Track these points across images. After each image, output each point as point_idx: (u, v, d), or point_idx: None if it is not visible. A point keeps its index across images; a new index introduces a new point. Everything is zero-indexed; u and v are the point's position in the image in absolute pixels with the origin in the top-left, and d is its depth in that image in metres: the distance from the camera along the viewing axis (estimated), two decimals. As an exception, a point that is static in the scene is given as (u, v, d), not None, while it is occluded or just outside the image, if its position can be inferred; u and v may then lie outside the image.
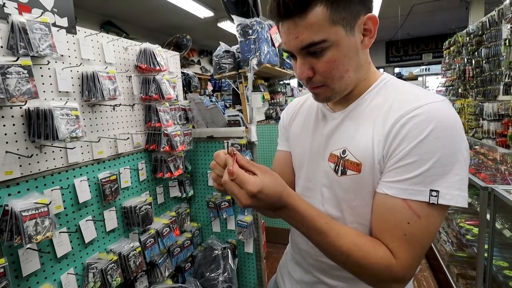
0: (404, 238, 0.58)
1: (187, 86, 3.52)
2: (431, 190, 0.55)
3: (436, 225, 0.58)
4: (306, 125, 0.81)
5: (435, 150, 0.55)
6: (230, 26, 5.71)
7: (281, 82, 3.96)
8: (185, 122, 1.69)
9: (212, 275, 1.68)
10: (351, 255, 0.59)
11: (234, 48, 2.53)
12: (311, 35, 0.58)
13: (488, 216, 1.68)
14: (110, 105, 1.25)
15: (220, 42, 2.55)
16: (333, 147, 0.70)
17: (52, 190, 1.04)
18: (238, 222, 1.76)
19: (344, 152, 0.67)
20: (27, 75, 0.84)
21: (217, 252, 1.73)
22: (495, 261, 1.83)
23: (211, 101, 1.66)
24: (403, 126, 0.58)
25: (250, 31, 2.31)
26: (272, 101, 3.74)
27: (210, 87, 6.02)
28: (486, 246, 1.71)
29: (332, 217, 0.71)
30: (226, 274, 1.67)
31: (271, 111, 3.62)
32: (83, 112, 1.15)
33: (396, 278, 0.59)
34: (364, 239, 0.61)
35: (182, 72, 3.59)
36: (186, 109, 1.70)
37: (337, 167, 0.68)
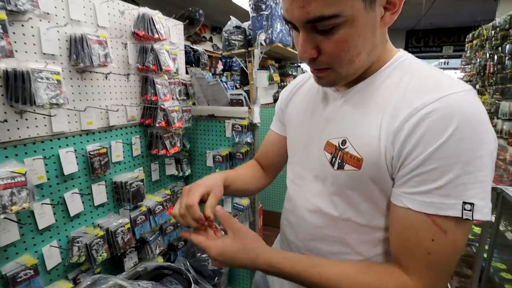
0: (427, 258, 0.49)
1: (196, 63, 3.41)
2: (464, 203, 0.46)
3: (464, 239, 0.50)
4: (305, 106, 0.72)
5: (460, 153, 0.45)
6: (244, 1, 5.48)
7: (293, 65, 3.81)
8: (185, 98, 1.60)
9: (204, 255, 1.65)
10: None
11: (245, 25, 2.40)
12: (321, 7, 0.46)
13: (493, 217, 1.59)
14: (102, 73, 1.17)
15: (231, 17, 2.41)
16: (331, 134, 0.61)
17: (33, 160, 0.98)
18: (235, 204, 1.70)
19: (343, 142, 0.58)
20: (1, 31, 0.76)
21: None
22: (493, 262, 1.76)
23: (221, 81, 1.56)
24: (418, 123, 0.48)
25: (263, 6, 2.17)
26: (282, 83, 3.61)
27: (220, 66, 5.88)
28: (486, 247, 1.62)
29: (323, 213, 0.63)
30: (218, 257, 1.63)
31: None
32: (71, 79, 1.07)
33: None
34: (368, 275, 0.54)
35: (191, 48, 3.47)
36: (186, 84, 1.61)
37: (334, 159, 0.59)
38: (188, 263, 1.49)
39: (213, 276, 1.52)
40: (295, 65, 3.78)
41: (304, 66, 4.09)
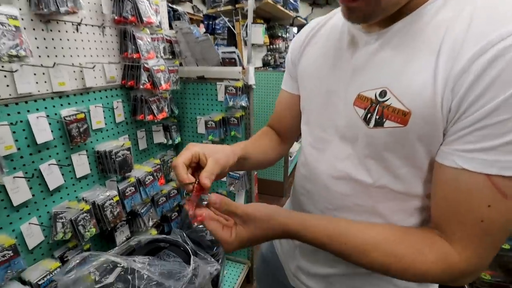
0: (478, 227, 0.41)
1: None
2: None
3: None
4: (324, 53, 0.59)
5: None
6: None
7: (283, 26, 3.59)
8: (170, 57, 1.44)
9: (200, 226, 1.57)
10: (389, 269, 0.45)
11: (231, -22, 2.18)
12: None
13: None
14: (72, 23, 0.99)
15: (215, -31, 2.18)
16: (364, 85, 0.50)
17: (-3, 126, 0.83)
18: (230, 172, 1.61)
19: (383, 93, 0.47)
20: None
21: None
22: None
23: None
24: (493, 61, 0.37)
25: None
26: (271, 46, 3.42)
27: (202, 29, 5.54)
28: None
29: (352, 179, 0.54)
30: (215, 226, 1.56)
31: (269, 58, 3.32)
32: (34, 29, 0.90)
33: (461, 276, 0.44)
34: (404, 245, 0.46)
35: (170, 7, 3.18)
36: (172, 41, 1.44)
37: (369, 115, 0.48)
38: (184, 235, 1.41)
39: (212, 246, 1.46)
40: (285, 26, 3.57)
41: (296, 29, 3.87)
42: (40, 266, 1.01)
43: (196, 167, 0.56)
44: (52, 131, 0.99)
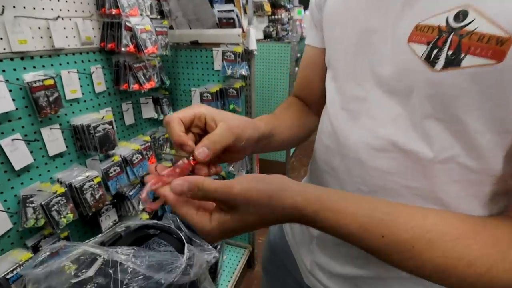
0: None
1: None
2: None
3: None
4: None
5: None
6: None
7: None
8: (158, 16, 1.24)
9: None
10: (450, 277, 0.31)
11: None
12: None
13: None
14: (30, -35, 0.80)
15: None
16: (426, 11, 0.33)
17: None
18: (228, 151, 1.45)
19: (462, 15, 0.30)
20: None
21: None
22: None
23: None
24: None
25: None
26: (273, 16, 3.19)
27: None
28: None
29: (402, 151, 0.38)
30: (212, 209, 1.42)
31: (271, 29, 3.09)
32: (-22, -32, 0.71)
33: None
34: (477, 244, 0.31)
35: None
36: (160, -1, 1.24)
37: (435, 51, 0.32)
38: (178, 220, 1.27)
39: (208, 232, 1.32)
40: (287, -5, 3.31)
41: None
42: (9, 257, 0.88)
43: (201, 134, 0.40)
44: (14, 100, 0.82)
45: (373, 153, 0.41)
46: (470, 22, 0.29)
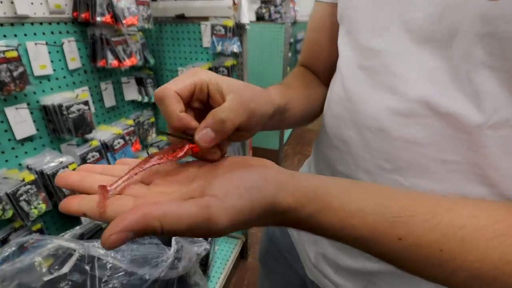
0: None
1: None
2: None
3: None
4: None
5: None
6: None
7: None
8: (139, -14, 1.12)
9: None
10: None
11: None
12: None
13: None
14: None
15: None
16: None
17: None
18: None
19: None
20: None
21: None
22: None
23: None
24: None
25: None
26: (266, -4, 3.05)
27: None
28: None
29: (437, 113, 0.29)
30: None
31: (263, 11, 2.96)
32: None
33: None
34: None
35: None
36: (140, -34, 1.12)
37: None
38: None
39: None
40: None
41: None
42: (-28, 253, 0.77)
43: (201, 110, 0.30)
44: (-33, 73, 0.70)
45: (400, 119, 0.32)
46: None
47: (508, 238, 0.22)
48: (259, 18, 2.83)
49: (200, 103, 0.29)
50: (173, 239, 0.97)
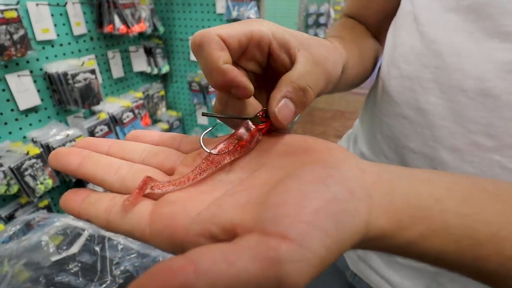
0: None
1: None
2: None
3: None
4: None
5: None
6: None
7: None
8: None
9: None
10: None
11: None
12: None
13: None
14: None
15: None
16: None
17: None
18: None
19: None
20: None
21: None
22: None
23: None
24: None
25: None
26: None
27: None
28: None
29: None
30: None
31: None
32: None
33: None
34: None
35: None
36: None
37: None
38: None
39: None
40: None
41: None
42: (-23, 229, 0.74)
43: (258, 75, 0.22)
44: (-38, 34, 0.63)
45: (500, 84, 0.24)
46: None
47: None
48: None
49: (256, 64, 0.21)
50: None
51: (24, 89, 0.78)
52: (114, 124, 1.01)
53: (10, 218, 0.81)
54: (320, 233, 0.13)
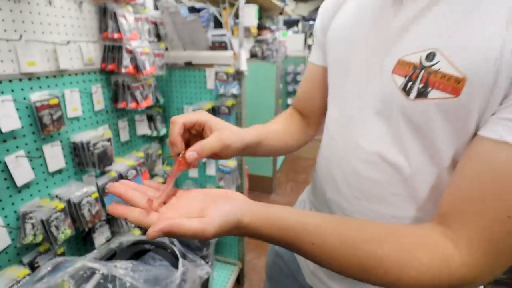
0: (502, 223, 0.34)
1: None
2: None
3: None
4: (360, 14, 0.51)
5: None
6: None
7: (270, 17, 3.49)
8: (155, 39, 1.31)
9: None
10: (370, 275, 0.38)
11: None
12: None
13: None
14: (42, -6, 0.86)
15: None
16: (407, 48, 0.41)
17: (-51, 109, 0.69)
18: (220, 167, 1.51)
19: (431, 56, 0.38)
20: None
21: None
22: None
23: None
24: None
25: None
26: (259, 37, 3.32)
27: (187, 21, 5.36)
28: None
29: (386, 163, 0.45)
30: (204, 224, 1.45)
31: (257, 49, 3.21)
32: (-5, -4, 0.76)
33: (460, 286, 0.37)
34: (389, 246, 0.38)
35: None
36: (157, 23, 1.31)
37: (410, 83, 0.40)
38: (171, 234, 1.30)
39: (201, 248, 1.36)
40: (273, 18, 3.47)
41: (281, 20, 3.78)
42: (6, 274, 0.88)
43: (197, 135, 0.48)
44: (20, 118, 0.85)
45: (367, 165, 0.48)
46: (436, 63, 0.38)
47: (370, 244, 0.37)
48: (253, 55, 3.08)
49: (197, 132, 0.48)
50: (180, 262, 1.10)
51: (54, 156, 0.99)
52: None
53: (30, 264, 0.96)
54: (218, 218, 0.36)
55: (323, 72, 0.63)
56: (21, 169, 0.88)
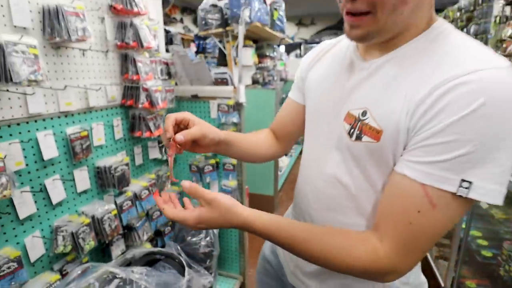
0: (406, 228, 0.50)
1: (169, 44, 3.27)
2: (462, 180, 0.45)
3: (453, 219, 0.49)
4: (328, 74, 0.69)
5: (480, 131, 0.43)
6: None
7: (270, 45, 3.76)
8: (166, 77, 1.53)
9: (194, 239, 1.62)
10: (329, 260, 0.55)
11: (222, 3, 2.31)
12: None
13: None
14: (80, 49, 1.08)
15: (206, -5, 2.31)
16: (353, 105, 0.60)
17: (9, 144, 0.89)
18: (222, 186, 1.68)
19: (364, 113, 0.57)
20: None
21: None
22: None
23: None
24: (444, 94, 0.46)
25: (241, -17, 2.09)
26: (260, 65, 3.56)
27: (193, 48, 5.68)
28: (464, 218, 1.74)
29: (339, 183, 0.63)
30: (208, 238, 1.61)
31: (258, 76, 3.45)
32: (46, 55, 0.98)
33: (384, 272, 0.53)
34: (341, 238, 0.56)
35: (164, 29, 3.31)
36: (168, 63, 1.53)
37: (352, 129, 0.58)
38: (179, 247, 1.47)
39: (205, 259, 1.51)
40: (273, 46, 3.74)
41: (282, 48, 4.04)
42: (41, 279, 1.05)
43: (183, 129, 0.67)
44: (57, 148, 1.05)
45: (325, 183, 0.65)
46: (367, 118, 0.56)
47: (330, 236, 0.56)
48: (255, 82, 3.31)
49: (183, 126, 0.67)
50: (186, 270, 1.26)
51: (82, 178, 1.18)
52: (135, 199, 1.39)
53: (60, 271, 1.13)
54: (226, 209, 0.57)
55: (297, 108, 0.81)
56: (56, 190, 1.07)
